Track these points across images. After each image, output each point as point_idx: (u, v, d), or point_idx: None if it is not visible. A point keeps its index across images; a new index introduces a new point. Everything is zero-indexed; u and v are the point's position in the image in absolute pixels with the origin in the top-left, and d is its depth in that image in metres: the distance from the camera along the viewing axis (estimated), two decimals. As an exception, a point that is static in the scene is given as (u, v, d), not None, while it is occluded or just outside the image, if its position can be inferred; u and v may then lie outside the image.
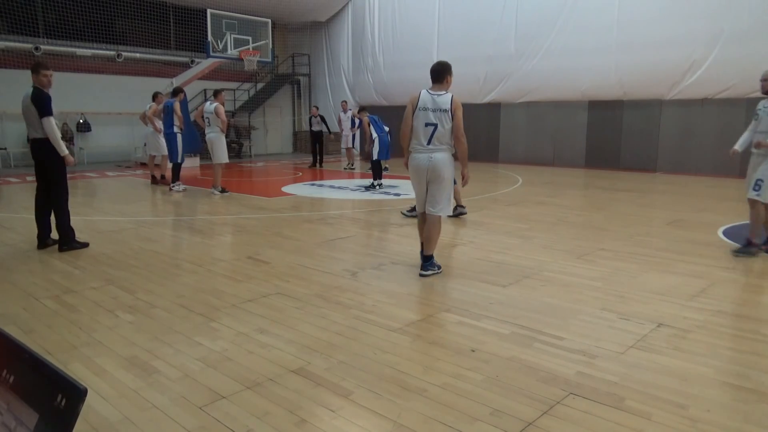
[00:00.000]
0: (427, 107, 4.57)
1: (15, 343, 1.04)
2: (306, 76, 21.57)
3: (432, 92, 4.64)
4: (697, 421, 2.43)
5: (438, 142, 4.57)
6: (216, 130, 9.71)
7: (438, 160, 4.58)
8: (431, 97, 4.60)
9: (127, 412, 2.51)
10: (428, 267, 4.75)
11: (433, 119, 4.55)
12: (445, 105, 4.53)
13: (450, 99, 4.56)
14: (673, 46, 12.65)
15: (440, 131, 4.54)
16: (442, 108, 4.53)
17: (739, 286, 4.44)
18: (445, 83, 4.68)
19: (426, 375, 2.87)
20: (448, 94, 4.60)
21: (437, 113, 4.54)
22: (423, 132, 4.59)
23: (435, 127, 4.54)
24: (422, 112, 4.59)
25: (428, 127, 4.56)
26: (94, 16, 15.65)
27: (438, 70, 4.67)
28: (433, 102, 4.56)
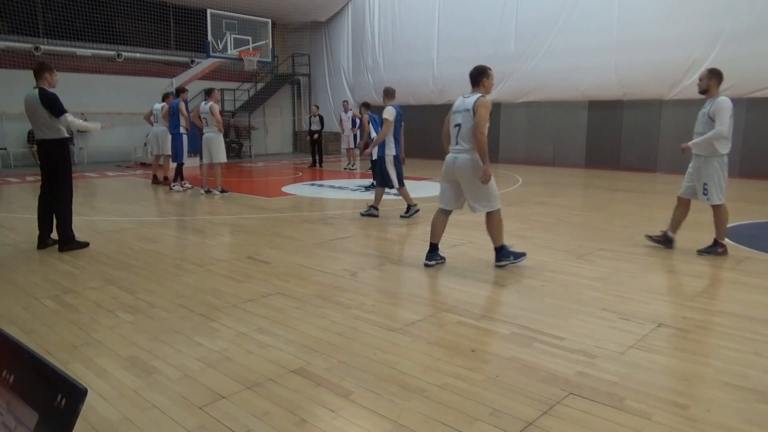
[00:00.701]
0: (456, 110, 4.79)
1: (15, 343, 1.04)
2: (306, 76, 21.57)
3: (465, 96, 4.82)
4: (697, 421, 2.43)
5: (462, 142, 4.74)
6: (214, 129, 9.71)
7: (462, 160, 4.74)
8: (461, 100, 4.81)
9: (127, 412, 2.51)
10: (502, 258, 4.95)
11: (459, 120, 4.74)
12: (470, 105, 4.67)
13: (475, 99, 4.68)
14: (673, 46, 12.65)
15: (463, 131, 4.71)
16: (466, 108, 4.70)
17: (739, 286, 4.44)
18: (482, 86, 4.80)
19: (426, 375, 2.87)
20: (476, 95, 4.72)
21: (462, 113, 4.72)
22: (452, 133, 4.83)
23: (459, 127, 4.74)
24: (453, 114, 4.83)
25: (455, 127, 4.78)
26: (94, 16, 15.65)
27: (473, 74, 4.84)
28: (462, 103, 4.77)
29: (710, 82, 5.29)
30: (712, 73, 5.31)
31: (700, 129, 5.33)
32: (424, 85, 17.78)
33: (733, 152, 13.64)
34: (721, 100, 5.19)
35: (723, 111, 5.13)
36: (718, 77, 5.29)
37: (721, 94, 5.27)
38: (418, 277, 4.74)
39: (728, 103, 5.16)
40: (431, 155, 17.71)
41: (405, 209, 7.65)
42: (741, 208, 8.46)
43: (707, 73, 5.33)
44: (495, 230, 4.93)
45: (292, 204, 9.14)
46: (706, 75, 5.33)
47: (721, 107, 5.14)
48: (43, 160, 5.63)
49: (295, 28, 21.46)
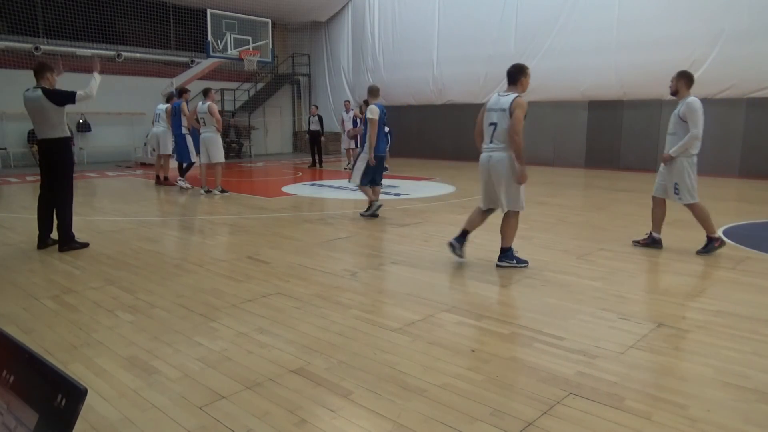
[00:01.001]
0: (492, 108, 4.80)
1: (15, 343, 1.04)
2: (306, 76, 21.57)
3: (500, 94, 4.84)
4: (697, 421, 2.43)
5: (497, 141, 4.77)
6: (212, 129, 9.71)
7: (496, 159, 4.79)
8: (497, 99, 4.82)
9: (127, 412, 2.51)
10: (504, 258, 4.98)
11: (494, 119, 4.77)
12: (506, 105, 4.69)
13: (511, 99, 4.69)
14: (673, 46, 12.64)
15: (499, 130, 4.74)
16: (502, 107, 4.71)
17: (739, 286, 4.44)
18: (519, 85, 4.83)
19: (426, 375, 2.87)
20: (512, 95, 4.73)
21: (498, 113, 4.74)
22: (486, 131, 4.85)
23: (495, 126, 4.76)
24: (488, 112, 4.84)
25: (490, 126, 4.80)
26: (94, 16, 15.65)
27: (511, 72, 4.85)
28: (497, 102, 4.77)
29: (679, 83, 5.40)
30: (681, 75, 5.43)
31: (672, 130, 5.46)
32: (424, 85, 17.78)
33: (733, 152, 13.71)
34: (691, 101, 5.29)
35: (695, 113, 5.24)
36: (687, 79, 5.40)
37: (691, 95, 5.38)
38: (418, 277, 4.74)
39: (698, 104, 5.27)
40: (431, 155, 17.74)
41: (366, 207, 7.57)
42: (741, 208, 8.47)
43: (676, 75, 5.44)
44: (509, 230, 4.99)
45: (292, 204, 9.14)
46: (675, 77, 5.44)
47: (692, 109, 5.25)
48: (45, 160, 5.64)
49: (295, 28, 21.46)
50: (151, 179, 11.91)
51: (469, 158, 17.05)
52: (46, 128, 5.49)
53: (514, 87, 4.81)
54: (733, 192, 10.35)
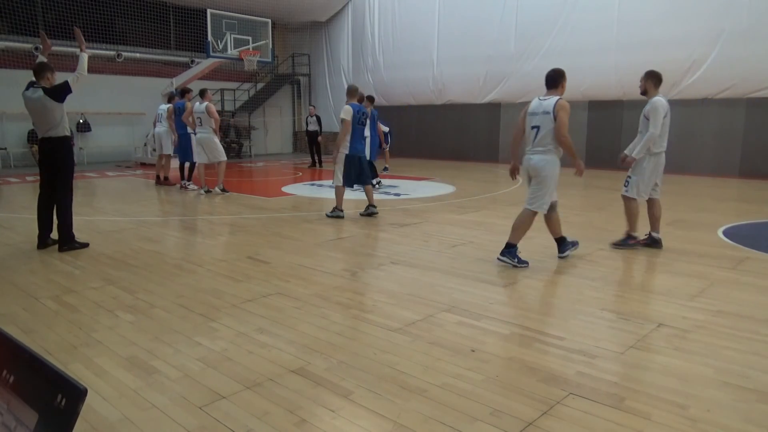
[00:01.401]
0: (534, 112, 4.93)
1: (15, 343, 1.04)
2: (306, 76, 21.57)
3: (541, 98, 4.96)
4: (697, 421, 2.43)
5: (541, 144, 4.89)
6: (209, 129, 9.72)
7: (538, 161, 4.92)
8: (539, 102, 4.94)
9: (127, 412, 2.51)
10: (506, 254, 5.02)
11: (537, 122, 4.88)
12: (549, 108, 4.82)
13: (554, 102, 4.81)
14: (673, 46, 12.64)
15: (543, 133, 4.85)
16: (545, 110, 4.83)
17: (739, 286, 4.44)
18: (560, 88, 4.96)
19: (426, 375, 2.87)
20: (555, 98, 4.86)
21: (540, 116, 4.86)
22: (529, 134, 4.97)
23: (538, 129, 4.88)
24: (530, 116, 4.96)
25: (533, 129, 4.93)
26: (94, 16, 15.64)
27: (552, 76, 4.97)
28: (540, 106, 4.90)
29: (647, 83, 5.53)
30: (648, 75, 5.56)
31: (640, 128, 5.66)
32: (424, 85, 17.78)
33: (733, 152, 13.72)
34: (654, 100, 5.41)
35: (656, 112, 5.38)
36: (655, 78, 5.52)
37: (659, 95, 5.50)
38: (417, 277, 4.74)
39: (661, 103, 5.39)
40: (431, 155, 17.74)
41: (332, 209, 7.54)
42: (741, 208, 8.47)
43: (645, 75, 5.57)
44: (521, 227, 5.05)
45: (292, 204, 9.14)
46: (644, 77, 5.57)
47: (654, 107, 5.39)
48: (46, 159, 5.64)
49: (295, 28, 21.45)
50: (151, 179, 11.91)
51: (469, 158, 17.08)
52: (48, 127, 5.50)
53: (555, 90, 4.94)
54: (733, 192, 10.35)
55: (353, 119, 7.15)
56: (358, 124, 7.26)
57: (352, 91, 7.53)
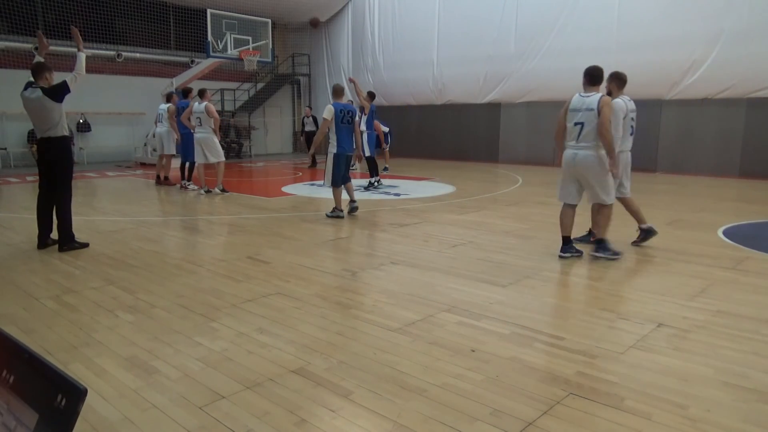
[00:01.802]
0: (576, 108, 5.05)
1: (15, 343, 1.04)
2: (306, 76, 21.57)
3: (582, 95, 5.09)
4: (697, 421, 2.43)
5: (585, 140, 5.01)
6: (208, 129, 9.72)
7: (584, 156, 5.04)
8: (581, 99, 5.07)
9: (127, 412, 2.51)
10: (600, 249, 5.18)
11: (580, 118, 5.00)
12: (593, 105, 4.95)
13: (598, 98, 4.96)
14: (673, 46, 12.65)
15: (587, 129, 4.98)
16: (589, 107, 4.96)
17: (739, 286, 4.44)
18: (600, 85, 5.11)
19: (426, 375, 2.87)
20: (597, 94, 5.00)
21: (584, 113, 4.98)
22: (572, 131, 5.09)
23: (582, 125, 5.00)
24: (572, 113, 5.09)
25: (576, 126, 5.04)
26: (94, 16, 15.64)
27: (594, 73, 5.10)
28: (582, 103, 5.03)
29: (611, 85, 5.64)
30: (612, 77, 5.66)
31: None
32: (424, 85, 17.78)
33: (733, 152, 13.70)
34: (613, 102, 5.41)
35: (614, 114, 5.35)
36: (619, 80, 5.65)
37: (623, 96, 5.59)
38: (417, 277, 4.74)
39: (618, 105, 5.45)
40: (431, 155, 17.74)
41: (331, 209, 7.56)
42: (741, 208, 8.46)
43: (608, 77, 5.62)
44: (604, 222, 5.21)
45: (292, 204, 9.14)
46: (608, 78, 5.61)
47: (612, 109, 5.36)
48: (45, 159, 5.64)
49: (295, 28, 21.45)
50: (151, 179, 11.91)
51: (469, 158, 17.09)
52: (47, 127, 5.50)
53: (596, 87, 5.07)
54: (733, 192, 10.35)
55: (336, 118, 7.20)
56: (342, 122, 7.27)
57: (337, 90, 7.58)
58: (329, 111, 7.21)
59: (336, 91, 7.58)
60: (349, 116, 7.36)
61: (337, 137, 7.29)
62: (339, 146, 7.32)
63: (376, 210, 8.32)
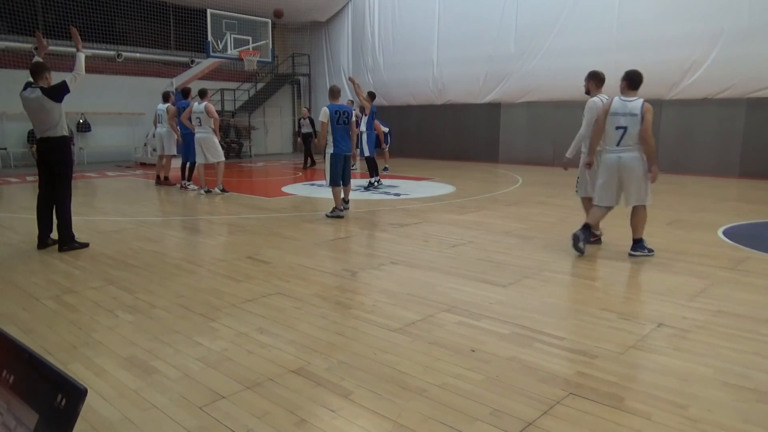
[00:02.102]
0: (617, 112, 5.11)
1: (15, 343, 1.04)
2: (306, 76, 21.57)
3: (624, 99, 5.15)
4: (697, 421, 2.43)
5: (627, 143, 5.09)
6: (208, 129, 9.72)
7: (627, 159, 5.12)
8: (622, 103, 5.13)
9: (127, 412, 2.51)
10: (637, 248, 5.29)
11: (623, 123, 5.07)
12: (636, 110, 5.04)
13: (641, 104, 5.06)
14: (673, 46, 12.64)
15: (630, 133, 5.06)
16: (632, 112, 5.04)
17: (739, 286, 4.44)
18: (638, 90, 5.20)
19: (426, 375, 2.87)
20: (639, 99, 5.10)
21: (627, 117, 5.05)
22: (613, 135, 5.14)
23: (625, 130, 5.07)
24: (612, 116, 5.14)
25: (618, 130, 5.10)
26: (94, 16, 15.64)
27: (634, 78, 5.17)
28: (624, 107, 5.09)
29: (589, 84, 5.70)
30: (590, 76, 5.71)
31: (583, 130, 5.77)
32: (424, 85, 17.78)
33: (733, 152, 13.68)
34: (589, 101, 5.57)
35: (588, 112, 5.53)
36: (597, 79, 5.67)
37: (600, 95, 5.60)
38: (417, 277, 4.74)
39: (594, 104, 5.51)
40: (431, 155, 17.74)
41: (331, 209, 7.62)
42: (741, 208, 8.46)
43: (587, 76, 5.71)
44: (641, 222, 5.27)
45: (292, 204, 9.14)
46: (586, 77, 5.72)
47: (587, 108, 5.56)
48: (45, 159, 5.64)
49: (295, 28, 21.45)
50: (151, 179, 11.91)
51: (469, 158, 17.09)
52: (46, 127, 5.50)
53: (635, 91, 5.14)
54: (733, 192, 10.35)
55: (331, 119, 7.33)
56: (337, 123, 7.39)
57: (334, 92, 7.67)
58: (324, 113, 7.37)
59: (332, 92, 7.65)
60: (344, 117, 7.45)
61: (333, 138, 7.40)
62: (335, 146, 7.43)
63: (376, 210, 8.32)
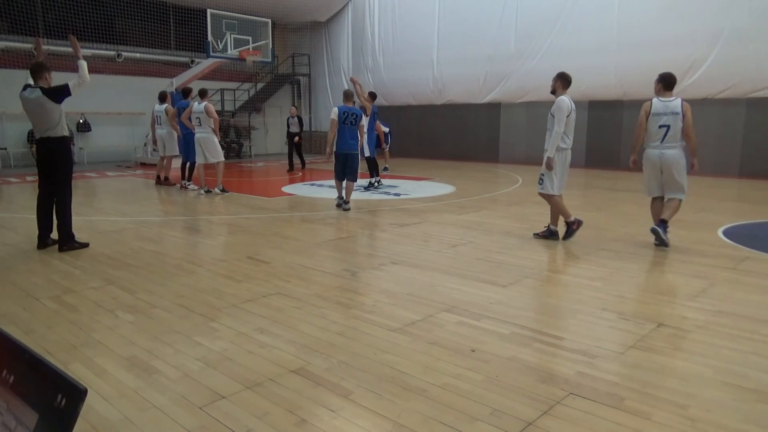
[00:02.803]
0: (660, 112, 5.55)
1: (15, 343, 1.04)
2: (306, 76, 21.57)
3: (663, 99, 5.61)
4: (697, 421, 2.43)
5: (670, 141, 5.52)
6: (208, 129, 9.73)
7: (670, 155, 5.54)
8: (663, 104, 5.58)
9: (127, 412, 2.51)
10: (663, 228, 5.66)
11: (666, 122, 5.50)
12: (677, 109, 5.51)
13: (680, 103, 5.54)
14: (673, 46, 12.64)
15: (673, 131, 5.49)
16: (674, 111, 5.50)
17: (739, 286, 4.44)
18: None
19: (426, 375, 2.87)
20: (677, 99, 5.57)
21: (669, 116, 5.50)
22: (656, 133, 5.56)
23: (668, 128, 5.50)
24: (656, 117, 5.57)
25: (661, 128, 5.53)
26: (94, 16, 15.64)
27: (671, 80, 5.71)
28: (665, 107, 5.55)
29: (557, 84, 5.87)
30: (558, 76, 5.85)
31: (548, 126, 5.85)
32: (424, 85, 17.78)
33: (733, 152, 13.71)
34: (559, 100, 5.70)
35: (559, 111, 5.66)
36: (563, 80, 5.89)
37: (566, 95, 5.76)
38: (417, 277, 4.74)
39: (564, 103, 5.70)
40: (431, 155, 17.74)
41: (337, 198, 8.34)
42: (741, 208, 8.46)
43: (555, 76, 5.85)
44: (674, 212, 5.70)
45: (292, 204, 9.14)
46: (555, 77, 5.84)
47: (558, 107, 5.68)
48: (44, 159, 5.64)
49: (295, 28, 21.45)
50: (151, 179, 11.91)
51: (469, 158, 17.08)
52: (46, 128, 5.50)
53: (671, 92, 5.64)
54: (733, 192, 10.35)
55: (339, 118, 7.94)
56: (343, 123, 7.96)
57: (347, 95, 8.32)
58: (334, 112, 8.00)
59: (346, 95, 8.30)
60: (351, 118, 8.01)
61: (338, 136, 7.99)
62: (338, 145, 8.04)
63: (376, 210, 8.32)
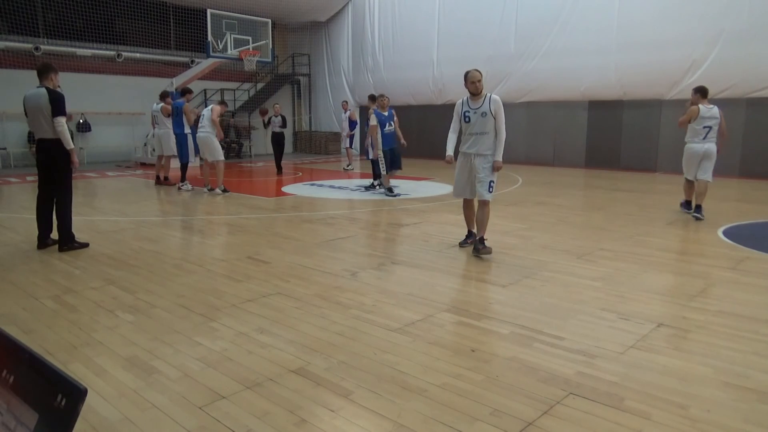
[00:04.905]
0: (705, 116, 7.24)
1: (15, 343, 1.04)
2: (306, 76, 21.56)
3: (705, 106, 7.28)
4: (697, 421, 2.43)
5: (710, 138, 7.29)
6: (207, 129, 9.76)
7: (710, 148, 7.31)
8: (707, 109, 7.26)
9: (127, 412, 2.51)
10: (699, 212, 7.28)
11: (708, 123, 7.24)
12: (716, 115, 7.25)
13: (717, 109, 7.29)
14: (673, 46, 12.64)
15: (713, 131, 7.26)
16: (714, 116, 7.25)
17: (739, 286, 4.44)
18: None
19: (426, 375, 2.87)
20: (715, 107, 7.29)
21: (711, 120, 7.23)
22: (700, 131, 7.30)
23: (709, 129, 7.25)
24: (701, 119, 7.24)
25: (705, 128, 7.27)
26: (94, 16, 15.64)
27: (706, 91, 7.41)
28: (709, 112, 7.26)
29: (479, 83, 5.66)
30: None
31: (486, 129, 5.41)
32: (424, 85, 17.78)
33: (733, 152, 13.71)
34: (497, 98, 5.40)
35: (501, 109, 5.34)
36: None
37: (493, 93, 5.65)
38: (417, 277, 4.74)
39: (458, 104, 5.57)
40: (431, 155, 17.72)
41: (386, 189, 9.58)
42: (741, 208, 8.46)
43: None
44: (704, 194, 7.31)
45: (292, 204, 9.14)
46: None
47: (500, 105, 5.35)
48: (44, 160, 5.63)
49: (295, 28, 21.45)
50: (151, 179, 11.91)
51: (469, 158, 17.03)
52: (46, 128, 5.49)
53: (707, 99, 7.32)
54: (734, 192, 10.34)
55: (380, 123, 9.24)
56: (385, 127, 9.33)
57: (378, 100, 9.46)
58: (373, 118, 9.28)
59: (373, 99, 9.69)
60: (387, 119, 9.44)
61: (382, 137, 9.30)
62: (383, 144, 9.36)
63: (376, 210, 8.32)
